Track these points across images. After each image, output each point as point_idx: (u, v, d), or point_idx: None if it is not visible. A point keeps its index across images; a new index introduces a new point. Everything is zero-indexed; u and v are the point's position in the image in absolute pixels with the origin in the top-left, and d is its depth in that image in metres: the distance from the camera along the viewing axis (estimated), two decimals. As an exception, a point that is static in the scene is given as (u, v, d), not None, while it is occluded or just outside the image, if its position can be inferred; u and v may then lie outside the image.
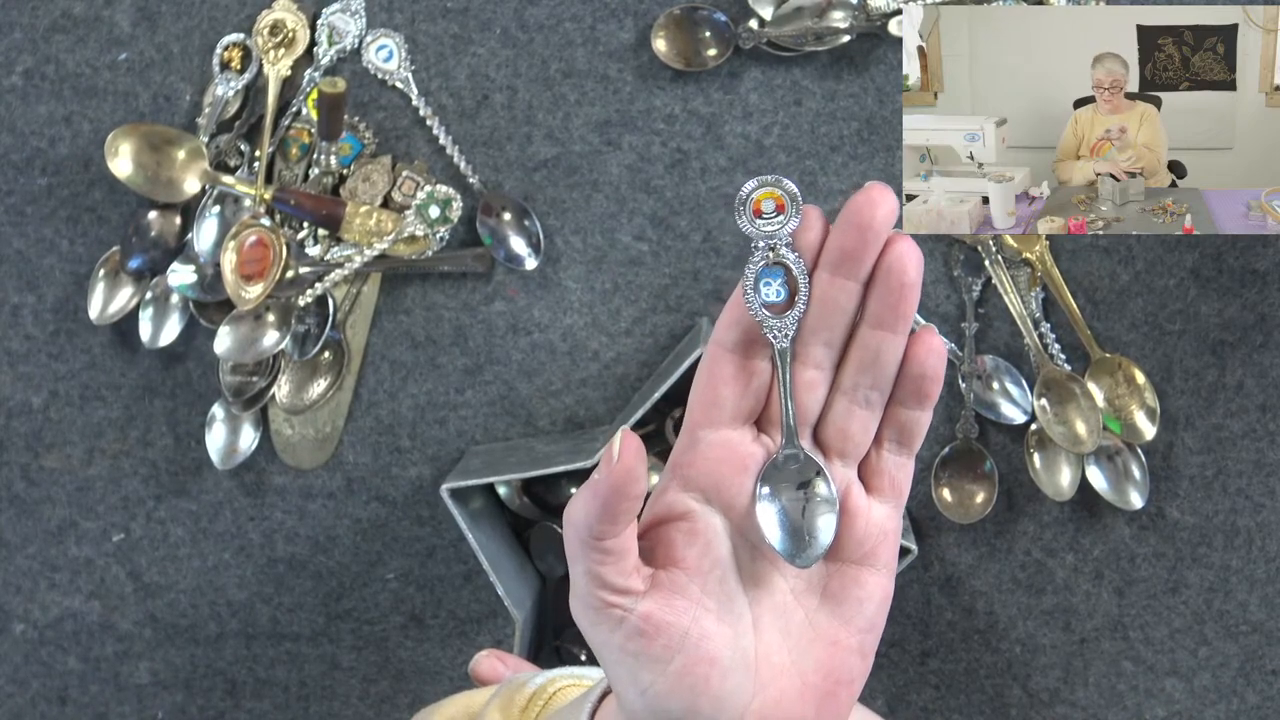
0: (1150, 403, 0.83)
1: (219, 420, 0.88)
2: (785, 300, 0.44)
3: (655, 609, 0.45)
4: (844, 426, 0.46)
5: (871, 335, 0.44)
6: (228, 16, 0.86)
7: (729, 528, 0.47)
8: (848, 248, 0.43)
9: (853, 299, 0.44)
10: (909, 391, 0.45)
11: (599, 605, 0.45)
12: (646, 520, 0.47)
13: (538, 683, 0.61)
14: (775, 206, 0.44)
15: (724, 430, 0.46)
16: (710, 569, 0.46)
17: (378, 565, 0.91)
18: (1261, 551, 0.86)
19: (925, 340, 0.45)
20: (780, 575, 0.48)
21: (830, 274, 0.44)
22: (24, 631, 0.94)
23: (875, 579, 0.47)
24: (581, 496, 0.45)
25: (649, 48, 0.83)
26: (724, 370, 0.46)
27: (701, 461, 0.46)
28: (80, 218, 0.88)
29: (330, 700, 0.93)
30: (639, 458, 0.44)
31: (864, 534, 0.46)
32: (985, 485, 0.85)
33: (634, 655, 0.45)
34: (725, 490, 0.46)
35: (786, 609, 0.47)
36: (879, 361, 0.45)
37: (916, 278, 0.43)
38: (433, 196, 0.84)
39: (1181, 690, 0.88)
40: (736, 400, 0.46)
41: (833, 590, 0.47)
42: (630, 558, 0.45)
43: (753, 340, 0.45)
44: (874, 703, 0.90)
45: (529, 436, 0.88)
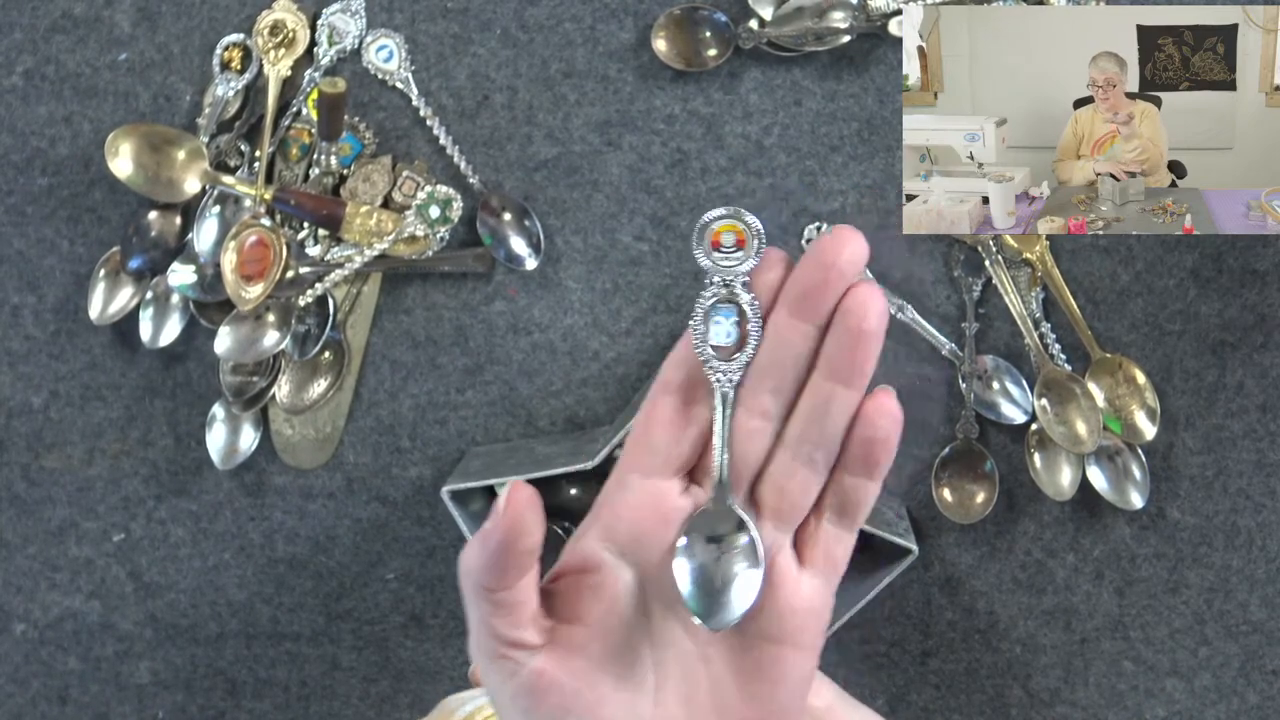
0: (1150, 403, 0.83)
1: (219, 420, 0.88)
2: (735, 343, 0.41)
3: (550, 666, 0.42)
4: (783, 484, 0.42)
5: (823, 386, 0.41)
6: (228, 16, 0.86)
7: (642, 584, 0.43)
8: (808, 287, 0.40)
9: (807, 343, 0.41)
10: (857, 456, 0.42)
11: (492, 654, 0.43)
12: (559, 567, 0.44)
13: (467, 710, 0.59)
14: (735, 241, 0.41)
15: (654, 479, 0.43)
16: (614, 628, 0.43)
17: (378, 565, 0.91)
18: (1262, 551, 0.86)
19: (879, 401, 0.42)
20: (692, 641, 0.44)
21: (787, 314, 0.41)
22: (24, 631, 0.94)
23: (796, 659, 0.43)
24: (473, 545, 0.42)
25: (649, 48, 0.83)
26: (662, 412, 0.42)
27: (624, 510, 0.43)
28: (80, 218, 0.88)
29: (330, 700, 0.93)
30: (530, 510, 0.41)
31: (788, 607, 0.43)
32: (985, 485, 0.85)
33: (524, 711, 0.42)
34: (644, 543, 0.43)
35: (694, 678, 0.44)
36: (829, 416, 0.41)
37: (878, 327, 0.40)
38: (433, 196, 0.84)
39: (1182, 690, 0.88)
40: (670, 447, 0.42)
41: (748, 666, 0.43)
42: (525, 610, 0.42)
43: (696, 383, 0.42)
44: (874, 703, 0.90)
45: (529, 437, 0.88)
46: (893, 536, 0.80)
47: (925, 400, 0.86)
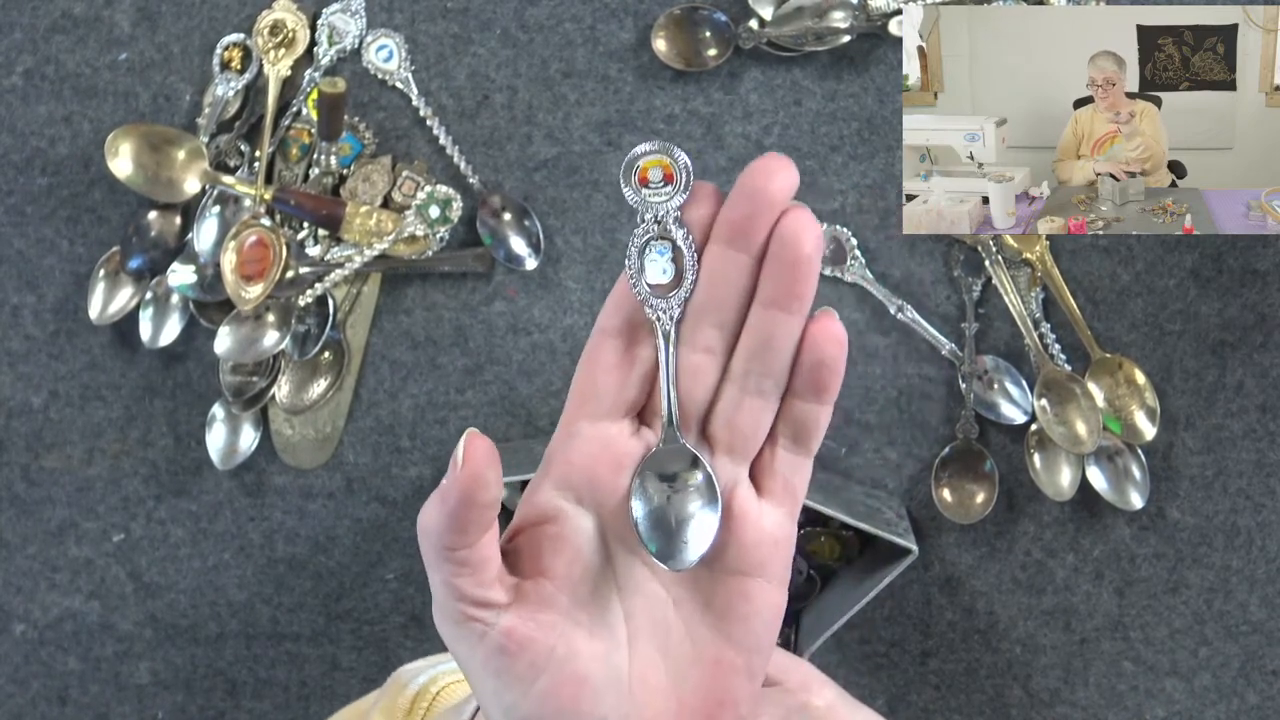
0: (1150, 403, 0.83)
1: (219, 420, 0.88)
2: (672, 279, 0.41)
3: (519, 624, 0.41)
4: (733, 418, 0.41)
5: (764, 316, 0.40)
6: (228, 16, 0.86)
7: (603, 531, 0.43)
8: (740, 218, 0.39)
9: (745, 275, 0.40)
10: (805, 382, 0.41)
11: (459, 618, 0.41)
12: (516, 523, 0.43)
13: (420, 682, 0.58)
14: (663, 176, 0.40)
15: (602, 423, 0.42)
16: (580, 579, 0.42)
17: (378, 565, 0.91)
18: (1262, 552, 0.86)
19: (823, 324, 0.40)
20: (659, 585, 0.43)
21: (721, 247, 0.40)
22: (24, 631, 0.94)
23: (764, 592, 0.42)
24: (431, 504, 0.41)
25: (649, 48, 0.83)
26: (605, 357, 0.42)
27: (576, 457, 0.42)
28: (80, 218, 0.88)
29: (330, 700, 0.93)
30: (489, 462, 0.40)
31: (753, 540, 0.42)
32: (985, 485, 0.85)
33: (497, 673, 0.41)
34: (599, 489, 0.42)
35: (666, 623, 0.43)
36: (772, 346, 0.40)
37: (813, 252, 0.39)
38: (433, 196, 0.84)
39: (1182, 690, 0.88)
40: (616, 391, 0.42)
41: (717, 604, 0.43)
42: (489, 568, 0.41)
43: (637, 324, 0.41)
44: (874, 703, 0.90)
45: (529, 437, 0.88)
46: (893, 536, 0.80)
47: (925, 400, 0.86)
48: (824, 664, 0.90)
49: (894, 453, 0.86)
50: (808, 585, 0.89)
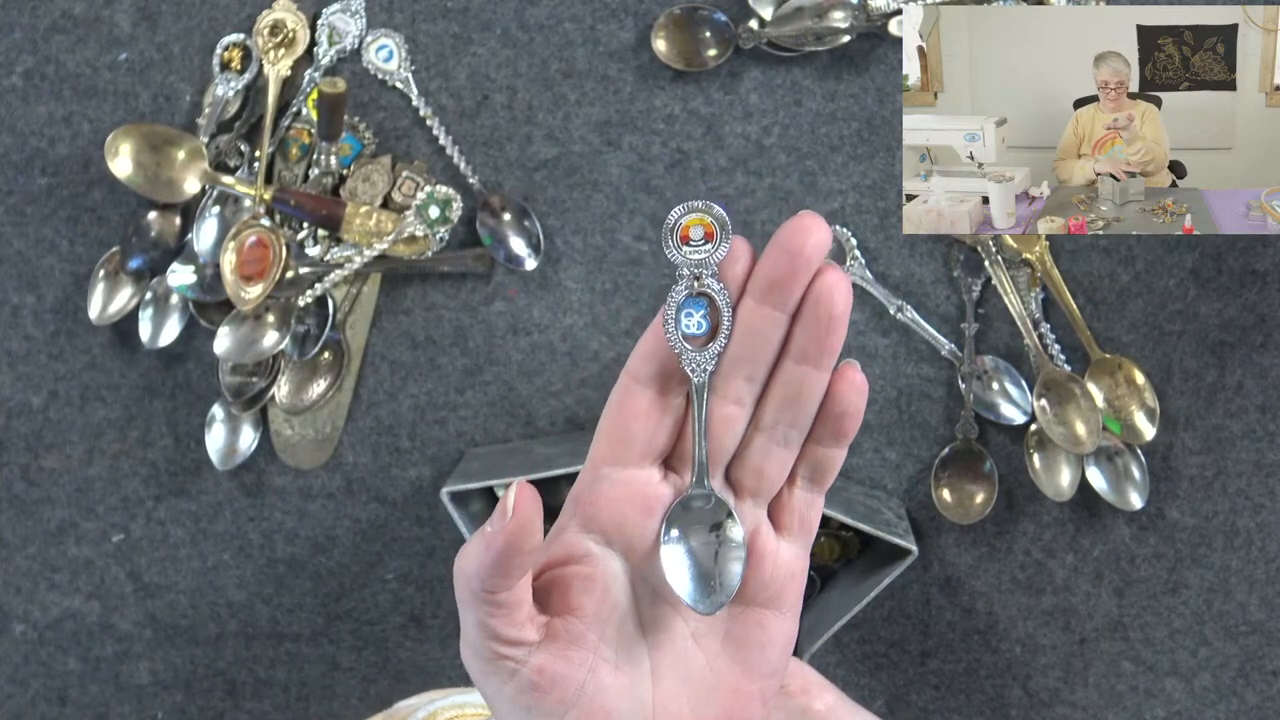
0: (1150, 403, 0.83)
1: (219, 420, 0.88)
2: (707, 333, 0.42)
3: (549, 661, 0.43)
4: (760, 466, 0.43)
5: (795, 370, 0.42)
6: (228, 16, 0.86)
7: (629, 571, 0.44)
8: (775, 275, 0.41)
9: (778, 330, 0.42)
10: (828, 429, 0.43)
11: (490, 656, 0.43)
12: (544, 562, 0.45)
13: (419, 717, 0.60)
14: (704, 234, 0.42)
15: (631, 469, 0.43)
16: (608, 616, 0.44)
17: (378, 565, 0.91)
18: (1261, 552, 0.86)
19: (848, 377, 0.42)
20: (681, 619, 0.45)
21: (756, 302, 0.41)
22: (24, 631, 0.94)
23: (779, 623, 0.45)
24: (473, 548, 0.42)
25: (649, 48, 0.83)
26: (637, 405, 0.43)
27: (605, 501, 0.44)
28: (80, 218, 0.88)
29: (330, 700, 0.93)
30: (535, 510, 0.41)
31: (771, 576, 0.44)
32: (985, 486, 0.85)
33: (527, 709, 0.43)
34: (628, 532, 0.44)
35: (687, 655, 0.45)
36: (801, 398, 0.42)
37: (845, 310, 0.41)
38: (433, 197, 0.84)
39: (1181, 690, 0.88)
40: (648, 438, 0.43)
41: (735, 635, 0.45)
42: (524, 609, 0.43)
43: (670, 374, 0.43)
44: (874, 703, 0.90)
45: (529, 437, 0.88)
46: (893, 537, 0.80)
47: (925, 400, 0.86)
48: (824, 664, 0.90)
49: (894, 453, 0.86)
50: (808, 585, 0.89)
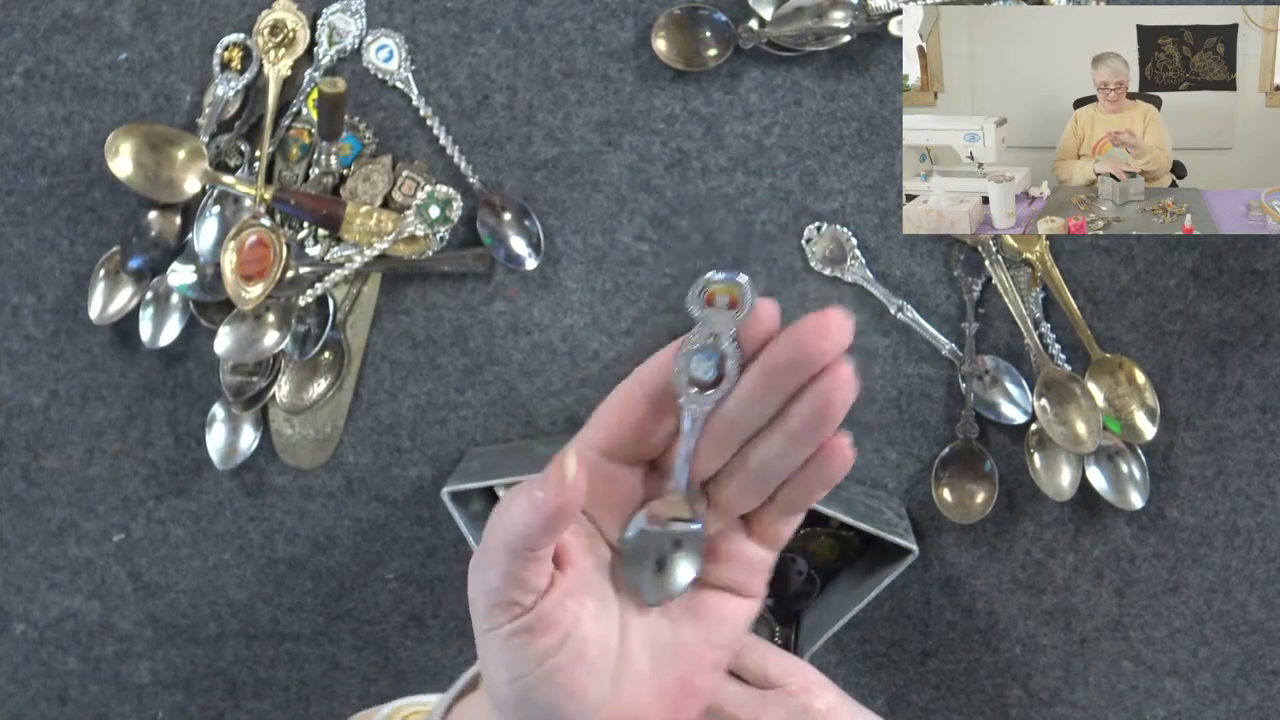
0: (1150, 403, 0.83)
1: (219, 420, 0.88)
2: (712, 380, 0.44)
3: (551, 608, 0.45)
4: (736, 501, 0.46)
5: (785, 445, 0.44)
6: (228, 16, 0.86)
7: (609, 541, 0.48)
8: (787, 362, 0.42)
9: (777, 404, 0.44)
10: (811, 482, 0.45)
11: (504, 602, 0.45)
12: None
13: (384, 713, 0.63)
14: (729, 302, 0.44)
15: (617, 463, 0.47)
16: (594, 570, 0.47)
17: (378, 565, 0.91)
18: (1262, 551, 0.86)
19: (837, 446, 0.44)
20: None
21: (761, 378, 0.43)
22: (24, 631, 0.94)
23: (742, 605, 0.48)
24: (519, 506, 0.44)
25: (649, 48, 0.83)
26: (635, 413, 0.46)
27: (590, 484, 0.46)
28: (80, 218, 0.88)
29: (330, 700, 0.93)
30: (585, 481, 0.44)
31: (734, 574, 0.47)
32: (985, 485, 0.85)
33: (517, 648, 0.45)
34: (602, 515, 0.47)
35: (652, 616, 0.48)
36: (786, 463, 0.44)
37: (843, 410, 0.43)
38: (433, 196, 0.84)
39: (1181, 690, 0.88)
40: (637, 444, 0.46)
41: (696, 608, 0.48)
42: (549, 561, 0.46)
43: (671, 396, 0.45)
44: (874, 703, 0.90)
45: (529, 437, 0.88)
46: (893, 537, 0.80)
47: (925, 400, 0.86)
48: (824, 664, 0.90)
49: (894, 453, 0.86)
50: (808, 585, 0.89)
